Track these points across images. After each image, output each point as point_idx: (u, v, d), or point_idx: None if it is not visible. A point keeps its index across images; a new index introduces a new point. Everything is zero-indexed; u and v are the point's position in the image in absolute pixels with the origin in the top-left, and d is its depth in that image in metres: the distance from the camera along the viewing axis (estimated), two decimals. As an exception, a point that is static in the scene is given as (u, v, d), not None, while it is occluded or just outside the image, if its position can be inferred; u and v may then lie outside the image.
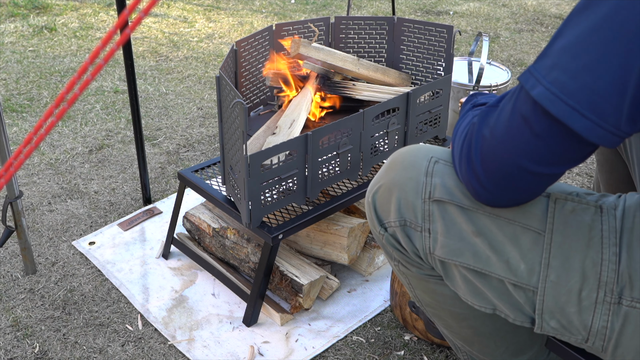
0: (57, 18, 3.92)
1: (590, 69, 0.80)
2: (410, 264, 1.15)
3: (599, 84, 0.80)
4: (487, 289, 1.03)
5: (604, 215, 0.97)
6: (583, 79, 0.81)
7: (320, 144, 1.53)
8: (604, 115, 0.81)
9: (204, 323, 1.66)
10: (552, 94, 0.83)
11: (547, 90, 0.83)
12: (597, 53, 0.80)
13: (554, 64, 0.84)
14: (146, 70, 3.23)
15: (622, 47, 0.78)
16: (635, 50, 0.78)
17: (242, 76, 1.81)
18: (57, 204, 2.14)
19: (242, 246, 1.72)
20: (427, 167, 1.07)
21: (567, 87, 0.82)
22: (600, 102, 0.81)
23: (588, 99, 0.81)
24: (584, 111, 0.81)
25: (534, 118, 0.86)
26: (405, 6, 4.30)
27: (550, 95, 0.83)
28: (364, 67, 1.82)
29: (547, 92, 0.83)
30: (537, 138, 0.87)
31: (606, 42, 0.79)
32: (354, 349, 1.59)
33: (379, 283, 1.79)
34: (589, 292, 0.95)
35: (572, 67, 0.82)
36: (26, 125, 2.65)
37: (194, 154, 2.47)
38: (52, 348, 1.58)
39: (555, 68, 0.83)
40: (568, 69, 0.82)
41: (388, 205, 1.10)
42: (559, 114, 0.82)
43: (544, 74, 0.84)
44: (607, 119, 0.81)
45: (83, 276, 1.82)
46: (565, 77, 0.82)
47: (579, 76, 0.81)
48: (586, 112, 0.81)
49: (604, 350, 0.97)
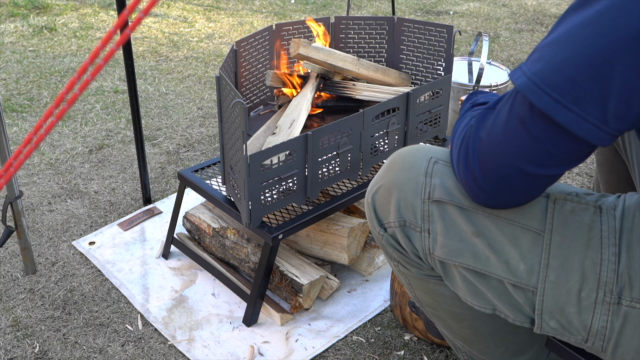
0: (57, 18, 3.93)
1: (574, 62, 0.80)
2: (410, 264, 1.15)
3: (582, 78, 0.80)
4: (486, 290, 1.03)
5: (603, 216, 0.97)
6: (567, 71, 0.81)
7: (320, 144, 1.54)
8: (587, 108, 0.81)
9: (204, 323, 1.66)
10: (535, 86, 0.83)
11: (531, 81, 0.83)
12: (582, 47, 0.80)
13: (540, 57, 0.84)
14: (146, 70, 3.23)
15: (608, 43, 0.78)
16: (620, 47, 0.78)
17: (242, 76, 1.81)
18: (57, 204, 2.14)
19: (242, 246, 1.72)
20: (427, 168, 1.07)
21: (551, 80, 0.82)
22: (583, 95, 0.80)
23: (571, 92, 0.81)
24: (567, 103, 0.81)
25: (531, 120, 0.86)
26: (405, 6, 4.30)
27: (534, 87, 0.83)
28: (364, 67, 1.82)
29: (531, 84, 0.83)
30: (534, 140, 0.87)
31: (593, 37, 0.79)
32: (354, 349, 1.59)
33: (379, 283, 1.79)
34: (588, 292, 0.95)
35: (557, 60, 0.82)
36: (26, 125, 2.65)
37: (194, 154, 2.47)
38: (52, 348, 1.58)
39: (541, 60, 0.83)
40: (552, 61, 0.82)
41: (387, 205, 1.10)
42: (542, 106, 0.82)
43: (530, 66, 0.84)
44: (590, 112, 0.81)
45: (83, 276, 1.82)
46: (548, 69, 0.82)
47: (563, 69, 0.81)
48: (569, 104, 0.81)
49: (604, 351, 0.97)
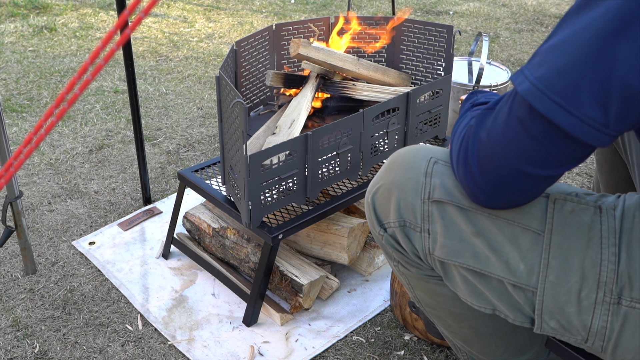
0: (57, 18, 3.93)
1: (576, 66, 0.80)
2: (410, 264, 1.15)
3: (584, 82, 0.80)
4: (486, 290, 1.03)
5: (603, 216, 0.97)
6: (570, 76, 0.81)
7: (320, 144, 1.54)
8: (589, 112, 0.81)
9: (204, 323, 1.66)
10: (538, 91, 0.83)
11: (534, 86, 0.83)
12: (585, 50, 0.80)
13: (542, 61, 0.84)
14: (146, 70, 3.23)
15: (610, 45, 0.78)
16: (622, 48, 0.78)
17: (242, 76, 1.81)
18: (57, 204, 2.14)
19: (242, 246, 1.72)
20: (427, 168, 1.07)
21: (554, 84, 0.82)
22: (585, 99, 0.80)
23: (574, 96, 0.81)
24: (570, 108, 0.81)
25: (530, 121, 0.86)
26: (405, 6, 4.30)
27: (537, 92, 0.83)
28: (364, 67, 1.82)
29: (534, 89, 0.83)
30: (533, 141, 0.87)
31: (595, 39, 0.79)
32: (354, 349, 1.59)
33: (379, 283, 1.79)
34: (588, 292, 0.95)
35: (559, 64, 0.81)
36: (26, 125, 2.65)
37: (194, 154, 2.47)
38: (52, 348, 1.58)
39: (543, 65, 0.83)
40: (555, 66, 0.82)
41: (387, 205, 1.10)
42: (545, 111, 0.82)
43: (532, 70, 0.84)
44: (592, 115, 0.81)
45: (83, 276, 1.82)
46: (552, 74, 0.82)
47: (566, 73, 0.81)
48: (572, 109, 0.81)
49: (604, 351, 0.97)
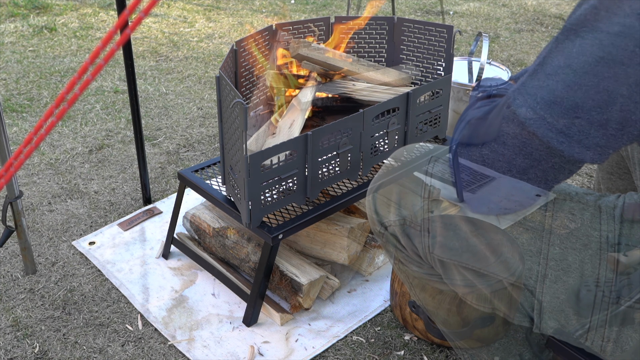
0: (57, 18, 3.93)
1: (576, 92, 0.80)
2: (410, 262, 1.15)
3: (584, 108, 0.80)
4: (486, 289, 1.04)
5: (602, 216, 0.97)
6: (570, 99, 0.80)
7: (320, 144, 1.54)
8: (589, 135, 0.81)
9: (204, 323, 1.66)
10: (541, 119, 0.82)
11: (533, 111, 0.83)
12: (583, 76, 0.79)
13: (541, 86, 0.84)
14: (146, 70, 3.23)
15: (608, 70, 0.78)
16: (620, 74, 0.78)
17: (242, 76, 1.81)
18: (57, 204, 2.14)
19: (243, 246, 1.72)
20: (427, 167, 1.07)
21: (554, 111, 0.82)
22: (586, 125, 0.80)
23: (576, 123, 0.81)
24: (573, 134, 0.81)
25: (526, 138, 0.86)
26: (405, 6, 4.30)
27: (540, 120, 0.82)
28: (363, 67, 1.82)
29: (537, 117, 0.83)
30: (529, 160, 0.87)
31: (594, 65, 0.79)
32: (354, 349, 1.59)
33: (379, 283, 1.79)
34: (587, 292, 0.95)
35: (559, 90, 0.81)
36: (26, 125, 2.65)
37: (194, 154, 2.47)
38: (52, 348, 1.58)
39: (543, 89, 0.83)
40: (554, 91, 0.82)
41: (388, 204, 1.10)
42: (546, 139, 0.82)
43: (532, 93, 0.84)
44: (592, 139, 0.81)
45: (83, 276, 1.82)
46: (552, 98, 0.82)
47: (565, 99, 0.81)
48: (574, 134, 0.81)
49: (603, 350, 0.97)
